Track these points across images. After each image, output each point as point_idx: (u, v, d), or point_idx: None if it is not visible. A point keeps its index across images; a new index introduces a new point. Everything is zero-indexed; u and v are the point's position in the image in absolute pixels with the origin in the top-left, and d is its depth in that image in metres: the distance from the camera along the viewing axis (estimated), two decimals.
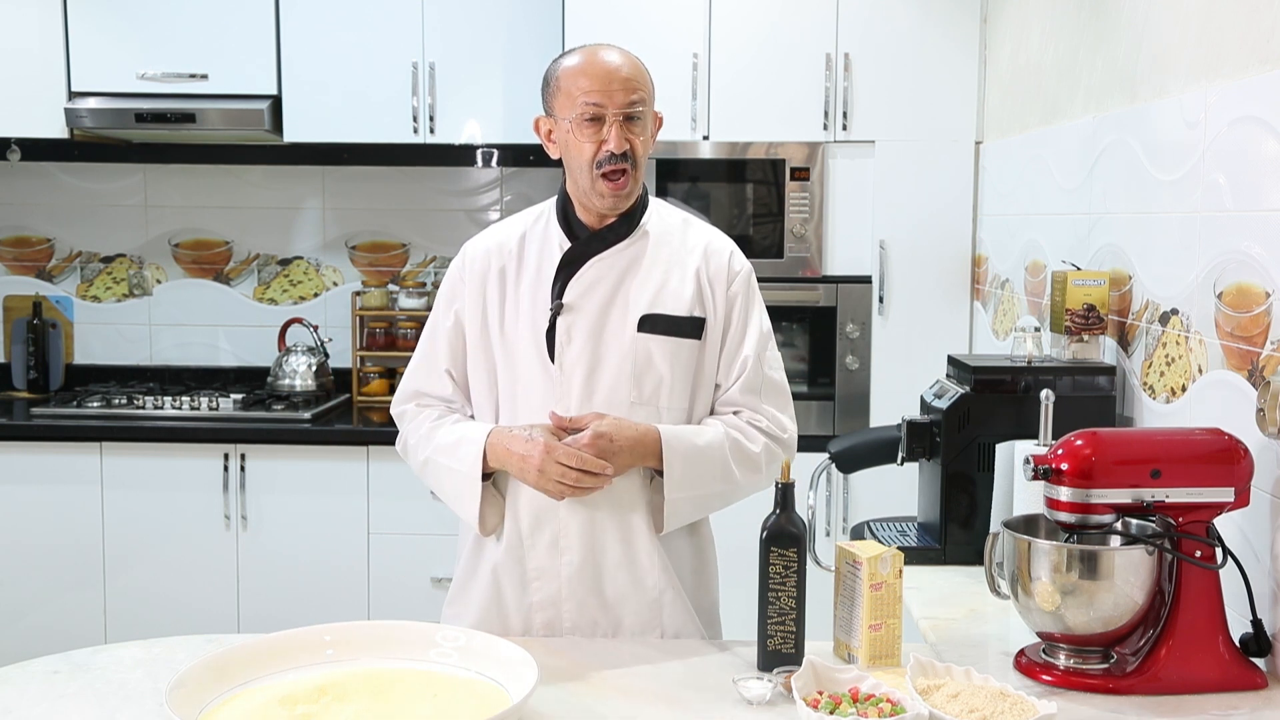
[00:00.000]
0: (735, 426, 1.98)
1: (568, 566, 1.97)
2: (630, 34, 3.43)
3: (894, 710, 1.48)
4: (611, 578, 1.97)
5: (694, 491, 1.93)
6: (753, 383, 2.00)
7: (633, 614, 1.97)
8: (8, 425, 3.67)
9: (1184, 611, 1.66)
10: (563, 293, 1.97)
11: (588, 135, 1.92)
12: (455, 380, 2.07)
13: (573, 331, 1.96)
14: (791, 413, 2.05)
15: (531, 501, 1.97)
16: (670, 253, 2.01)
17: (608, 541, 1.96)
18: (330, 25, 3.78)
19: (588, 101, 1.90)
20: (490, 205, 4.22)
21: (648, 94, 1.96)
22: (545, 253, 2.02)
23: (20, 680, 1.69)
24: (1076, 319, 2.37)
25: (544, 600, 1.98)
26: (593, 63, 1.92)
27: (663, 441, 1.90)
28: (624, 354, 1.96)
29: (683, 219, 2.08)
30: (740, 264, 2.04)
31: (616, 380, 1.95)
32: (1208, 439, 1.71)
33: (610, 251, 1.99)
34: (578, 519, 1.96)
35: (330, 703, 1.51)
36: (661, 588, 1.98)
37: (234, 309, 4.27)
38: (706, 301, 2.00)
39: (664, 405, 1.97)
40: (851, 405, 3.54)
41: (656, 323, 1.97)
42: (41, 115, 3.79)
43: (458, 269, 2.10)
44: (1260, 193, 1.81)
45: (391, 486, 3.60)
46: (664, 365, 1.96)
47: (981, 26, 3.47)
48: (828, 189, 3.51)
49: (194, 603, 3.63)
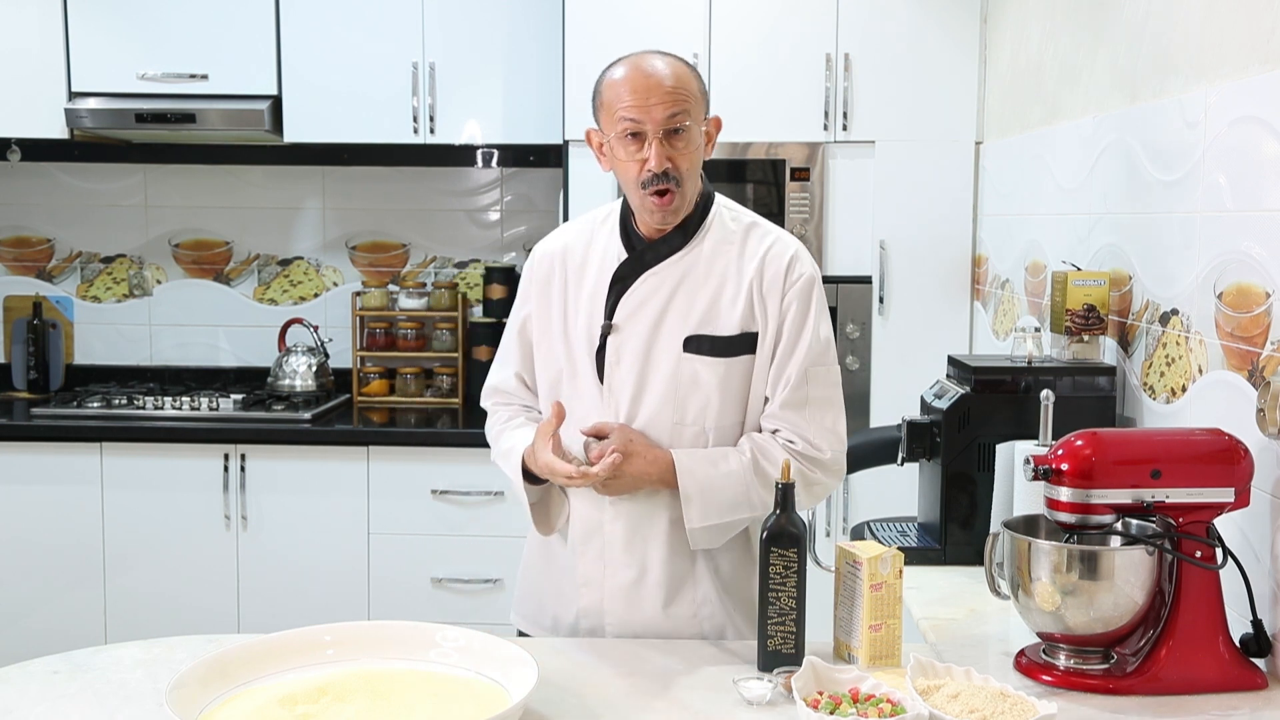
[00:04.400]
0: (764, 450, 1.92)
1: (612, 579, 1.98)
2: (630, 34, 3.44)
3: (894, 710, 1.48)
4: (652, 596, 1.96)
5: (715, 520, 1.90)
6: (794, 399, 1.92)
7: (672, 629, 1.97)
8: (8, 425, 3.67)
9: (1184, 612, 1.66)
10: (614, 311, 1.95)
11: (630, 153, 1.87)
12: (523, 382, 2.09)
13: (621, 352, 1.94)
14: (840, 431, 1.96)
15: (582, 512, 1.99)
16: (726, 264, 1.95)
17: (651, 560, 1.96)
18: (330, 25, 3.78)
19: (625, 117, 1.85)
20: (490, 205, 4.22)
21: (693, 104, 1.88)
22: (604, 264, 1.99)
23: (20, 680, 1.69)
24: (1077, 319, 2.37)
25: (589, 607, 2.00)
26: (632, 75, 1.86)
27: (678, 473, 1.88)
28: (669, 376, 1.93)
29: (748, 224, 2.00)
30: (799, 272, 1.94)
31: (661, 401, 1.93)
32: (1208, 439, 1.71)
33: (662, 265, 1.94)
34: (623, 534, 1.96)
35: (330, 703, 1.51)
36: (700, 602, 1.97)
37: (234, 309, 4.27)
38: (758, 315, 1.93)
39: (710, 426, 1.94)
40: (852, 405, 3.50)
41: (702, 344, 1.92)
42: (41, 115, 3.79)
43: (527, 272, 2.08)
44: (1260, 193, 1.80)
45: (391, 486, 3.60)
46: (711, 386, 1.92)
47: (981, 26, 3.47)
48: (828, 189, 3.51)
49: (194, 603, 3.63)
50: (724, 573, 1.99)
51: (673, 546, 1.95)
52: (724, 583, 1.99)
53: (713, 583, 1.98)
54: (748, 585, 2.02)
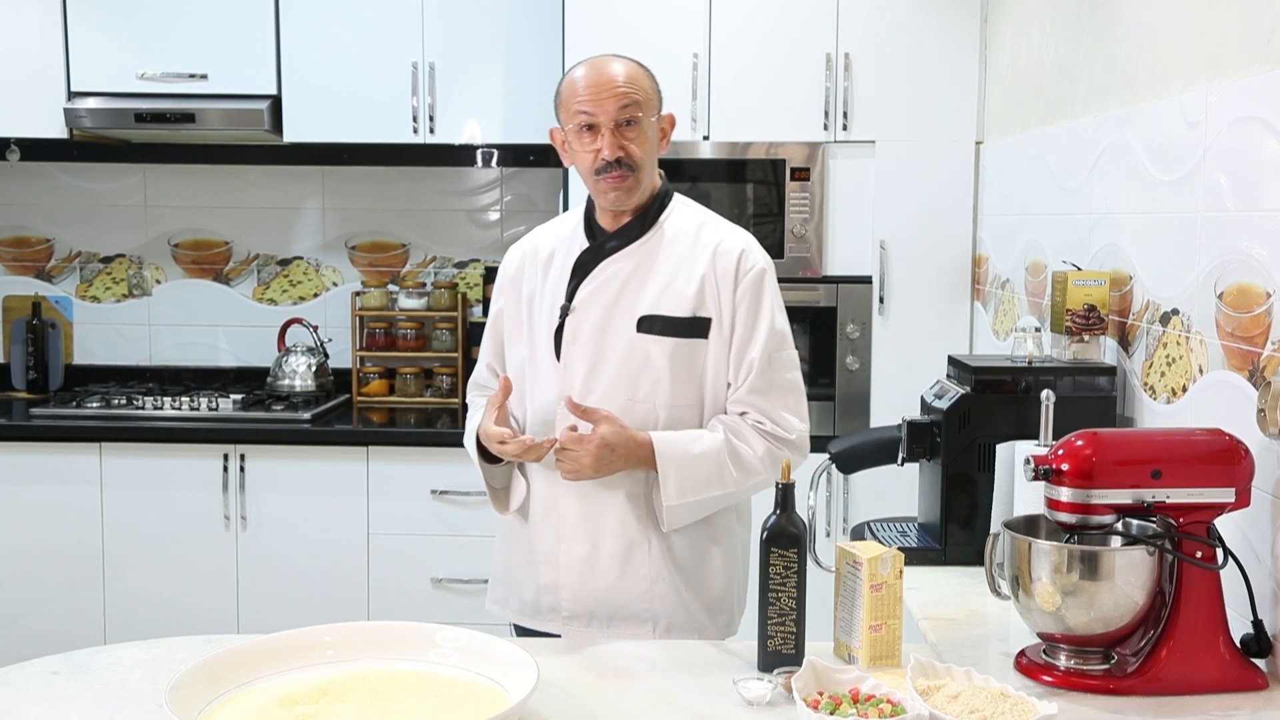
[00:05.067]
0: (735, 430, 2.03)
1: (567, 554, 2.07)
2: (630, 34, 3.44)
3: (894, 711, 1.48)
4: (605, 569, 2.06)
5: (690, 497, 1.99)
6: (759, 384, 2.03)
7: (625, 604, 2.06)
8: (7, 425, 3.67)
9: (1185, 612, 1.66)
10: (574, 295, 2.07)
11: (585, 144, 2.01)
12: (494, 373, 2.22)
13: (578, 332, 2.06)
14: (803, 412, 2.08)
15: (540, 490, 2.09)
16: (681, 252, 2.07)
17: (604, 535, 2.06)
18: (330, 25, 3.78)
19: (580, 110, 2.00)
20: (490, 205, 4.22)
21: (645, 100, 2.01)
22: (569, 255, 2.12)
23: (20, 681, 1.69)
24: (1077, 319, 2.37)
25: (548, 584, 2.09)
26: (588, 73, 2.01)
27: (656, 452, 1.98)
28: (623, 354, 2.04)
29: (702, 220, 2.13)
30: (751, 263, 2.06)
31: (615, 379, 2.04)
32: (1208, 439, 1.71)
33: (621, 254, 2.07)
34: (579, 511, 2.06)
35: (330, 703, 1.50)
36: (653, 578, 2.05)
37: (234, 309, 4.27)
38: (711, 302, 2.04)
39: (661, 403, 2.04)
40: (852, 405, 3.54)
41: (655, 323, 2.04)
42: (41, 115, 3.79)
43: (501, 270, 2.23)
44: (1261, 193, 1.80)
45: (391, 486, 3.60)
46: (662, 365, 2.03)
47: (981, 26, 3.47)
48: (828, 189, 3.51)
49: (194, 603, 3.62)
50: (678, 552, 2.07)
51: (625, 521, 2.05)
52: (677, 562, 2.07)
53: (666, 560, 2.06)
54: (701, 570, 2.09)
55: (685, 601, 2.07)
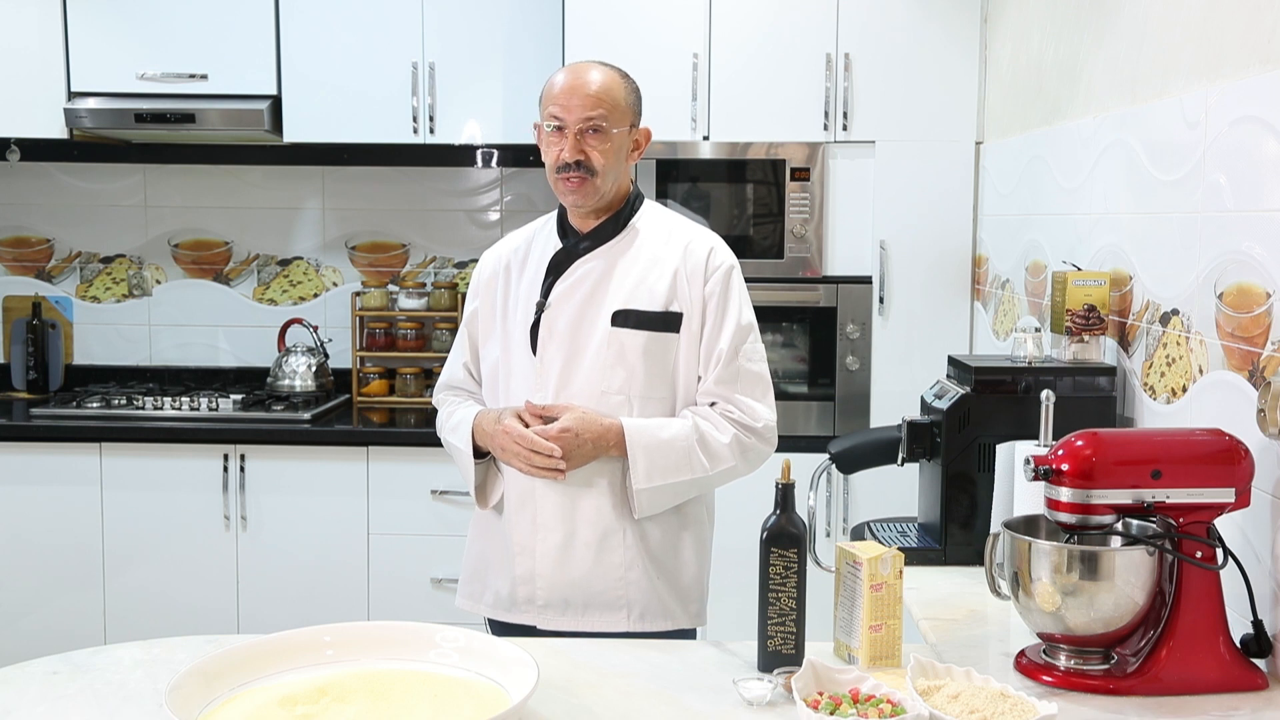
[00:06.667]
0: (706, 418, 2.11)
1: (542, 543, 2.11)
2: (630, 34, 3.44)
3: (894, 711, 1.48)
4: (581, 556, 2.10)
5: (659, 481, 2.06)
6: (726, 374, 2.11)
7: (599, 591, 2.10)
8: (8, 425, 3.67)
9: (1185, 612, 1.66)
10: (549, 292, 2.14)
11: (551, 144, 2.11)
12: (470, 373, 2.29)
13: (554, 328, 2.13)
14: (770, 402, 2.15)
15: (517, 482, 2.13)
16: (652, 250, 2.15)
17: (581, 522, 2.11)
18: (330, 25, 3.78)
19: (551, 112, 2.09)
20: (490, 205, 4.22)
21: (614, 110, 2.09)
22: (543, 256, 2.19)
23: (20, 681, 1.69)
24: (1077, 319, 2.37)
25: (523, 575, 2.13)
26: (565, 78, 2.10)
27: (626, 436, 2.04)
28: (598, 347, 2.11)
29: (672, 223, 2.21)
30: (719, 261, 2.15)
31: (590, 372, 2.11)
32: (1208, 439, 1.71)
33: (594, 253, 2.15)
34: (554, 501, 2.10)
35: (330, 703, 1.50)
36: (628, 565, 2.10)
37: (234, 309, 4.27)
38: (682, 297, 2.12)
39: (636, 395, 2.11)
40: (852, 406, 3.54)
41: (629, 317, 2.11)
42: (41, 115, 3.79)
43: (475, 274, 2.30)
44: (1261, 193, 1.80)
45: (391, 487, 3.60)
46: (636, 357, 2.10)
47: (981, 26, 3.47)
48: (828, 189, 3.51)
49: (194, 603, 3.62)
50: (653, 541, 2.13)
51: (601, 508, 2.10)
52: (652, 552, 2.12)
53: (640, 548, 2.11)
54: (676, 561, 2.15)
55: (658, 589, 2.12)
